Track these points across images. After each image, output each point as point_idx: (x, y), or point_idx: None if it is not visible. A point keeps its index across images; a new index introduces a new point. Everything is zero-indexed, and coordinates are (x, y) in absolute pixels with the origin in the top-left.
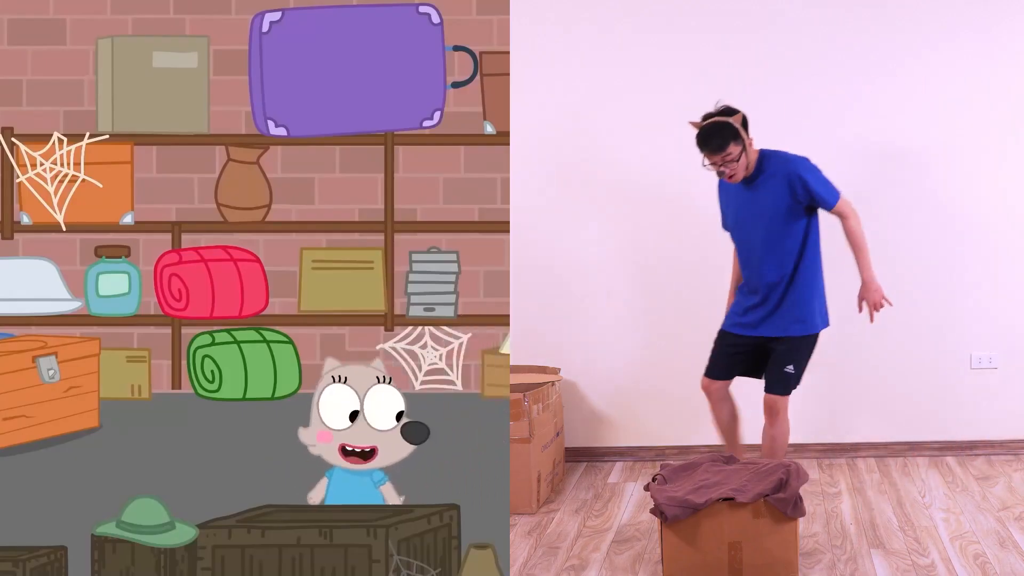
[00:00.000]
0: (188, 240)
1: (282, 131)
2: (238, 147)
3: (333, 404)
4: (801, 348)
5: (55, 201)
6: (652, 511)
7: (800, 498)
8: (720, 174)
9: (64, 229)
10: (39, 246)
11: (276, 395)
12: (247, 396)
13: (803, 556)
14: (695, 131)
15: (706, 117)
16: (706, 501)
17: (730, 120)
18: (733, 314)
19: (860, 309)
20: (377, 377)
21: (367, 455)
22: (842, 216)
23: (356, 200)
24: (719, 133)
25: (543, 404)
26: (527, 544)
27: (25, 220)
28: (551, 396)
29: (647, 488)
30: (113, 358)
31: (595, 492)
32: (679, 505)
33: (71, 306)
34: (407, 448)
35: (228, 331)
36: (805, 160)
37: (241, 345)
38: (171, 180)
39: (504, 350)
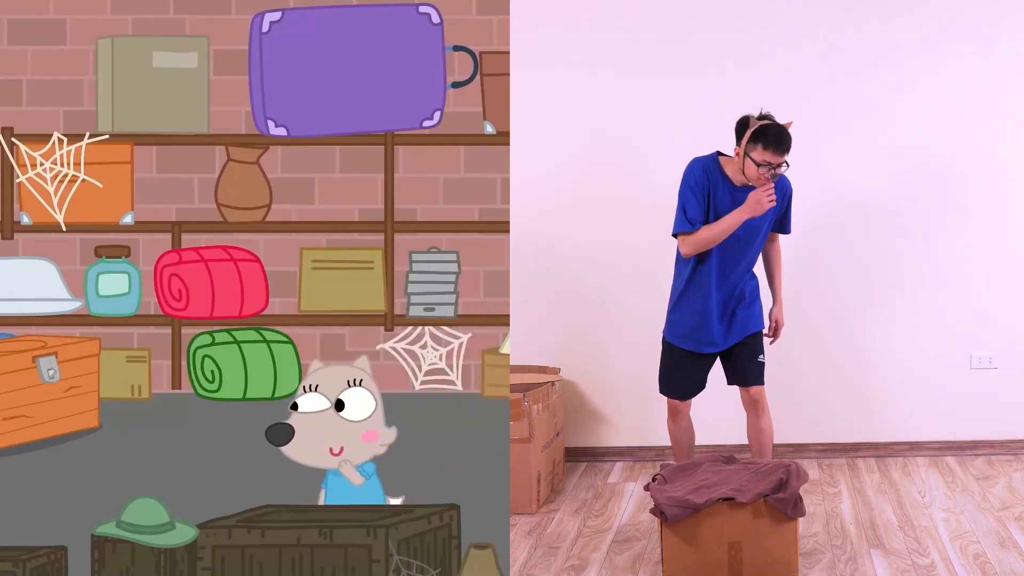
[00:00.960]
0: (188, 240)
1: (282, 131)
2: (238, 147)
3: (306, 407)
4: (761, 340)
5: (55, 201)
6: (652, 511)
7: (800, 498)
8: (773, 176)
9: (64, 229)
10: (39, 246)
11: (276, 395)
12: (247, 396)
13: (803, 556)
14: (752, 127)
15: (761, 117)
16: (706, 501)
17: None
18: (694, 333)
19: (771, 328)
20: (348, 381)
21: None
22: (776, 239)
23: (356, 200)
24: (789, 135)
25: (543, 404)
26: (527, 544)
27: (25, 220)
28: (551, 396)
29: (647, 488)
30: (113, 358)
31: (595, 492)
32: (679, 505)
33: (71, 306)
34: (379, 444)
35: (228, 331)
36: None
37: (241, 345)
38: (171, 180)
39: (504, 350)
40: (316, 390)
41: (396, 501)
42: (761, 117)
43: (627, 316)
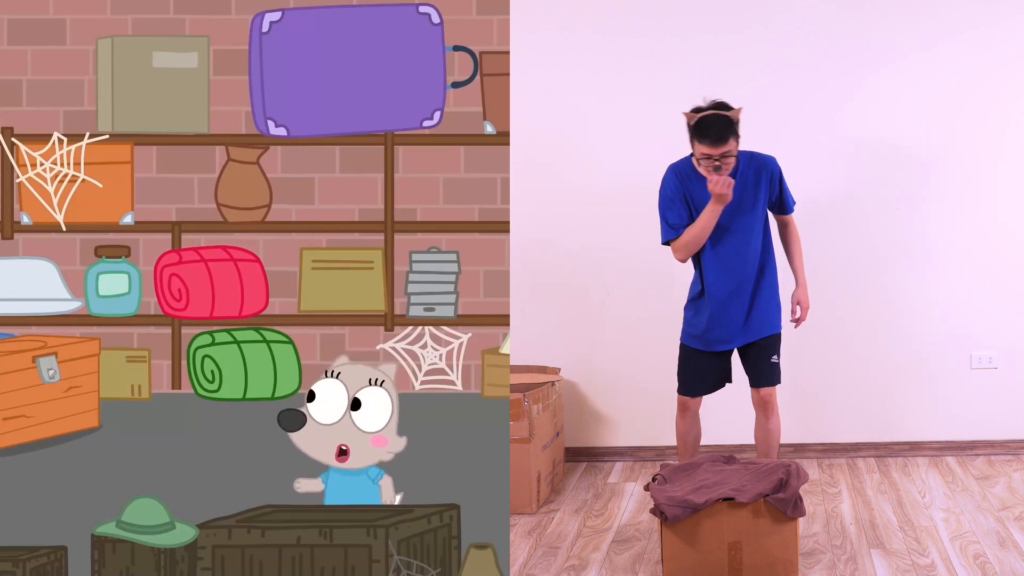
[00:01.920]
0: (188, 240)
1: (282, 131)
2: (238, 147)
3: (323, 398)
4: (777, 341)
5: (55, 201)
6: (652, 511)
7: (800, 498)
8: (716, 169)
9: (64, 229)
10: (39, 246)
11: (276, 395)
12: (247, 396)
13: (803, 556)
14: (688, 121)
15: (697, 110)
16: (706, 501)
17: (730, 115)
18: (703, 333)
19: (794, 312)
20: (369, 379)
21: (343, 452)
22: (789, 222)
23: (356, 200)
24: (724, 125)
25: (543, 404)
26: (527, 544)
27: (25, 220)
28: (551, 396)
29: (647, 488)
30: (113, 358)
31: (595, 492)
32: (679, 505)
33: (71, 306)
34: (387, 451)
35: (228, 331)
36: (776, 160)
37: (241, 345)
38: (171, 180)
39: (504, 350)
40: (338, 378)
41: (396, 497)
42: (708, 107)
43: (627, 316)
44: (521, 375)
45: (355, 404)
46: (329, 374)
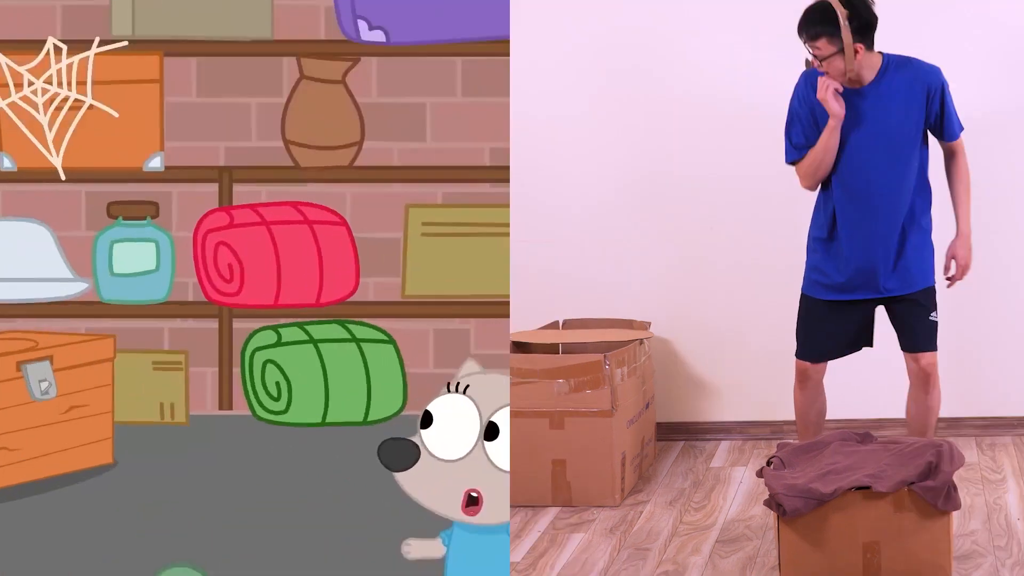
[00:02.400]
0: (242, 194)
1: (379, 35)
2: (314, 59)
3: (444, 423)
4: (934, 296)
5: (50, 137)
6: (766, 503)
7: (954, 487)
8: (822, 67)
9: (63, 178)
10: (28, 202)
11: (371, 418)
12: (328, 420)
13: (957, 560)
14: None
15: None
16: (835, 491)
17: (838, 12)
18: (834, 279)
19: (949, 268)
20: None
21: (473, 501)
22: (956, 152)
23: (484, 137)
24: (817, 20)
25: (629, 368)
26: (609, 544)
27: (7, 164)
28: (639, 358)
29: (760, 474)
30: (134, 364)
31: (694, 479)
32: (801, 495)
33: (73, 289)
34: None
35: (300, 325)
36: (940, 71)
37: (319, 346)
38: (217, 107)
39: None
40: (465, 393)
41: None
42: None
43: (736, 260)
44: (603, 330)
45: (490, 431)
46: (452, 388)
